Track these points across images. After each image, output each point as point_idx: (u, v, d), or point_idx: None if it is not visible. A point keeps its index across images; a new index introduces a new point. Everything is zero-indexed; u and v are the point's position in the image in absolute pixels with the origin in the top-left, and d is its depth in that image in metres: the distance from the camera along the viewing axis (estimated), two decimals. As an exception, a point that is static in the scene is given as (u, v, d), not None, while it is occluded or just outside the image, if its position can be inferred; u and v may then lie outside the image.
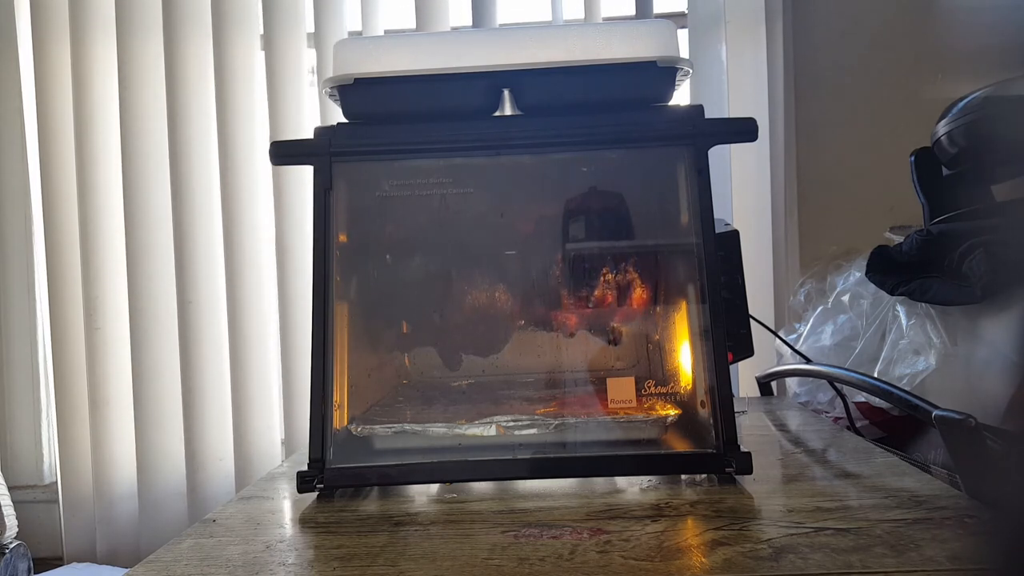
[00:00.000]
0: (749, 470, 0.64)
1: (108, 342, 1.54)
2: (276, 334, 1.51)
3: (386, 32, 1.52)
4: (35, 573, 1.42)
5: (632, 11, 1.45)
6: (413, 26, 1.46)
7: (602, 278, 0.77)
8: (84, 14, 1.52)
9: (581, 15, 1.46)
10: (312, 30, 1.50)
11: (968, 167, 1.02)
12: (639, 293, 0.78)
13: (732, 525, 0.54)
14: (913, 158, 1.09)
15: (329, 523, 0.60)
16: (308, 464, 0.66)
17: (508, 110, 0.74)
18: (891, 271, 1.04)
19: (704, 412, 0.68)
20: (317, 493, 0.67)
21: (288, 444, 1.50)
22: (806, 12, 1.44)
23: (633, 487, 0.65)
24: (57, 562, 1.53)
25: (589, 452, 0.68)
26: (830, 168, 1.44)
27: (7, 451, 1.62)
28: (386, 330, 0.85)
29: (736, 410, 0.66)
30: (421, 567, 0.49)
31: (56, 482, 1.58)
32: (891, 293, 1.02)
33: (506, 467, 0.66)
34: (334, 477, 0.66)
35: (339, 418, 0.70)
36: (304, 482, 0.66)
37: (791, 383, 1.22)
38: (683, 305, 0.73)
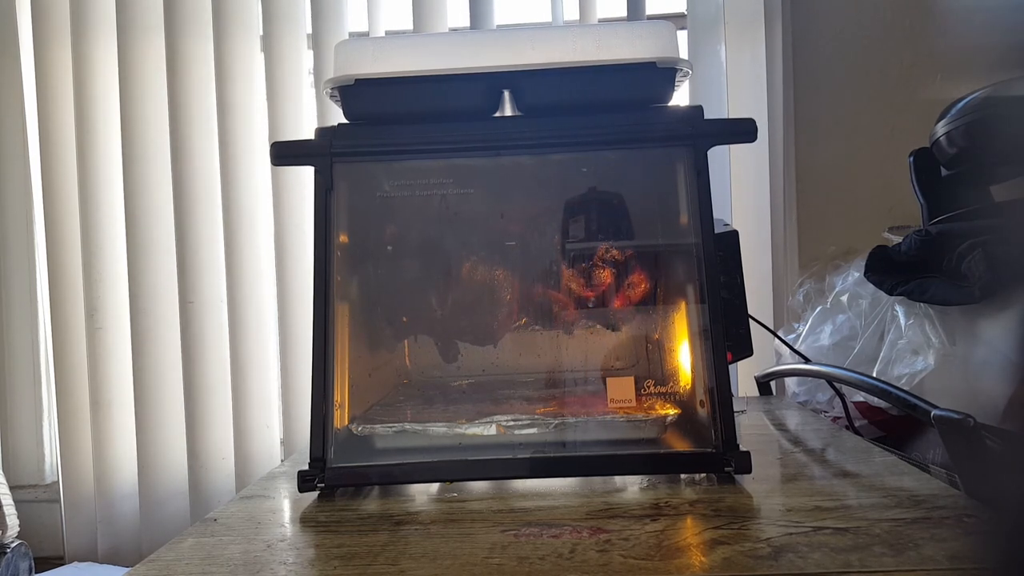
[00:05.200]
0: (748, 469, 0.64)
1: (109, 342, 1.54)
2: (276, 334, 1.52)
3: (386, 33, 1.52)
4: (36, 572, 1.43)
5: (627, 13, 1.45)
6: (410, 27, 1.46)
7: (601, 278, 0.77)
8: (85, 15, 1.52)
9: (576, 16, 1.46)
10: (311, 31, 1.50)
11: (967, 167, 1.02)
12: (638, 293, 0.78)
13: (731, 524, 0.54)
14: (912, 158, 1.10)
15: (330, 522, 0.60)
16: (309, 463, 0.66)
17: (508, 111, 0.75)
18: (890, 271, 1.04)
19: (703, 411, 0.68)
20: (318, 492, 0.67)
21: (287, 444, 1.51)
22: (805, 13, 1.44)
23: (633, 486, 0.65)
24: (58, 561, 1.53)
25: (589, 451, 0.68)
26: (829, 168, 1.45)
27: (8, 451, 1.63)
28: (387, 330, 0.85)
29: (735, 409, 0.66)
30: (422, 566, 0.49)
31: (57, 481, 1.59)
32: (890, 293, 1.02)
33: (506, 466, 0.67)
34: (335, 476, 0.66)
35: (340, 417, 0.70)
36: (305, 481, 0.66)
37: (790, 383, 1.22)
38: (682, 305, 0.73)
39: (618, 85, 0.71)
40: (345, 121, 0.74)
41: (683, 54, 0.72)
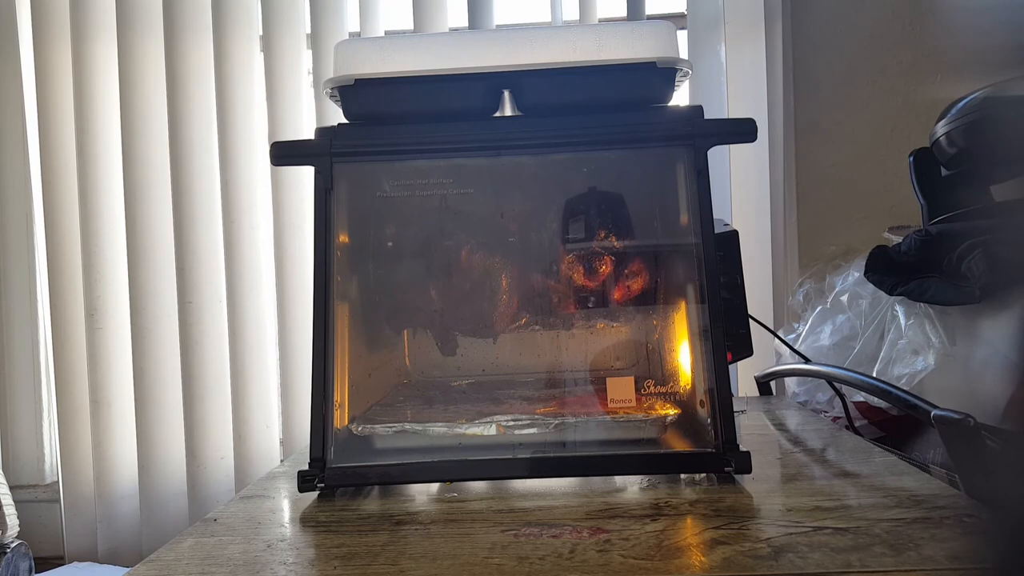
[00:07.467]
0: (748, 469, 0.64)
1: (109, 342, 1.54)
2: (275, 334, 1.52)
3: (386, 33, 1.52)
4: (36, 572, 1.43)
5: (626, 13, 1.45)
6: (411, 27, 1.47)
7: (601, 278, 0.77)
8: (85, 15, 1.53)
9: (576, 16, 1.46)
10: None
11: (967, 167, 1.02)
12: (638, 293, 0.78)
13: (731, 524, 0.54)
14: (912, 158, 1.10)
15: (330, 522, 0.60)
16: (309, 463, 0.66)
17: (508, 111, 0.75)
18: (890, 271, 1.04)
19: (703, 411, 0.68)
20: (318, 492, 0.67)
21: (287, 444, 1.51)
22: (805, 13, 1.44)
23: (633, 486, 0.65)
24: (58, 561, 1.53)
25: (589, 451, 0.68)
26: (829, 168, 1.45)
27: (8, 450, 1.63)
28: (387, 330, 0.85)
29: (735, 409, 0.66)
30: (421, 566, 0.49)
31: (57, 481, 1.59)
32: (890, 293, 1.02)
33: (506, 466, 0.67)
34: (335, 476, 0.66)
35: (340, 417, 0.70)
36: (305, 481, 0.66)
37: (790, 383, 1.22)
38: (682, 305, 0.73)
39: (618, 85, 0.71)
40: (345, 121, 0.74)
41: (683, 54, 0.72)
